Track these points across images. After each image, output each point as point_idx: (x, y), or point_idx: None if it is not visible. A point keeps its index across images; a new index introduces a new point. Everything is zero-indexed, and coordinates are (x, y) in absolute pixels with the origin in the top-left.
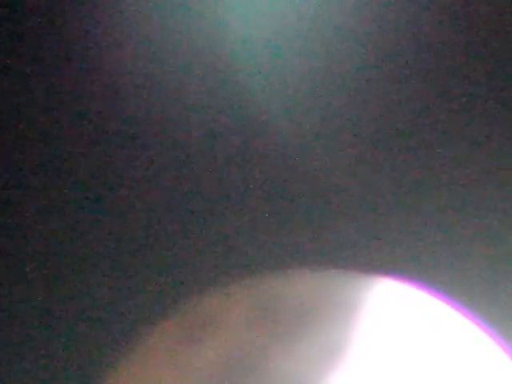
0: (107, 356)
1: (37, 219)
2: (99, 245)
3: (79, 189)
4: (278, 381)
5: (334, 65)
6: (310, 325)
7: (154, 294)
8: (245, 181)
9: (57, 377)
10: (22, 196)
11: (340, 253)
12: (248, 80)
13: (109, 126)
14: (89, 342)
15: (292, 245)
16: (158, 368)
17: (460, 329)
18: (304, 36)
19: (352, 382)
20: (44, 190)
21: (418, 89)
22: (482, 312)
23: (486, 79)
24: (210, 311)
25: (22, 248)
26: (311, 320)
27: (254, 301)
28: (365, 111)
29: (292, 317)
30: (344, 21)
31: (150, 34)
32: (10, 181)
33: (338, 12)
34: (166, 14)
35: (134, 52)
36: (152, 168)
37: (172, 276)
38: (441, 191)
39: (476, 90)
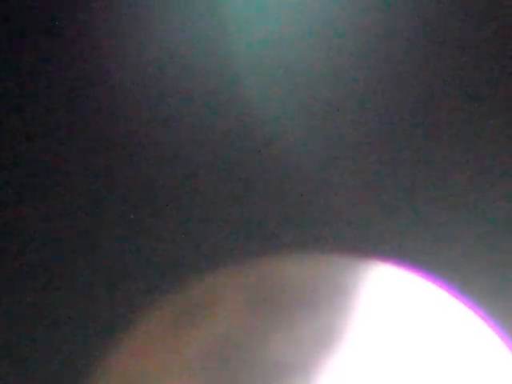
0: (103, 339)
1: (36, 217)
2: (95, 229)
3: (78, 184)
4: (275, 365)
5: (334, 65)
6: (308, 309)
7: (152, 278)
8: (244, 173)
9: (50, 362)
10: (21, 196)
11: (339, 237)
12: (248, 80)
13: (108, 126)
14: (82, 326)
15: (291, 229)
16: (153, 352)
17: (459, 317)
18: (304, 36)
19: (349, 366)
20: (43, 189)
21: (418, 89)
22: (482, 301)
23: (486, 79)
24: (207, 295)
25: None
26: (309, 304)
27: (252, 285)
28: (365, 111)
29: (290, 301)
30: (346, 20)
31: (150, 34)
32: (9, 181)
33: (339, 12)
34: (166, 14)
35: (134, 52)
36: (152, 164)
37: (170, 260)
38: (441, 181)
39: (476, 89)
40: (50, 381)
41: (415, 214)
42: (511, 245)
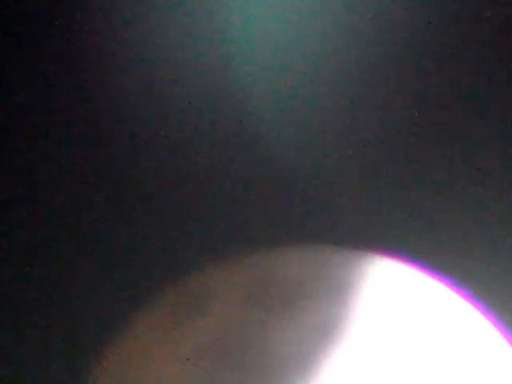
0: (103, 337)
1: (36, 217)
2: (95, 228)
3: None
4: (273, 357)
5: (334, 65)
6: (306, 302)
7: (151, 276)
8: (243, 172)
9: (49, 362)
10: (21, 196)
11: (337, 231)
12: (248, 81)
13: (109, 126)
14: (86, 317)
15: (289, 222)
16: (152, 349)
17: (459, 312)
18: (304, 36)
19: (349, 362)
20: (44, 189)
21: (417, 89)
22: (482, 296)
23: (487, 79)
24: (206, 288)
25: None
26: (307, 297)
27: (251, 278)
28: (364, 111)
29: (288, 294)
30: (345, 21)
31: (151, 34)
32: (9, 181)
33: (339, 12)
34: (166, 15)
35: (135, 53)
36: (151, 163)
37: (168, 258)
38: (442, 180)
39: (476, 89)
40: (49, 381)
41: (415, 212)
42: (511, 241)
